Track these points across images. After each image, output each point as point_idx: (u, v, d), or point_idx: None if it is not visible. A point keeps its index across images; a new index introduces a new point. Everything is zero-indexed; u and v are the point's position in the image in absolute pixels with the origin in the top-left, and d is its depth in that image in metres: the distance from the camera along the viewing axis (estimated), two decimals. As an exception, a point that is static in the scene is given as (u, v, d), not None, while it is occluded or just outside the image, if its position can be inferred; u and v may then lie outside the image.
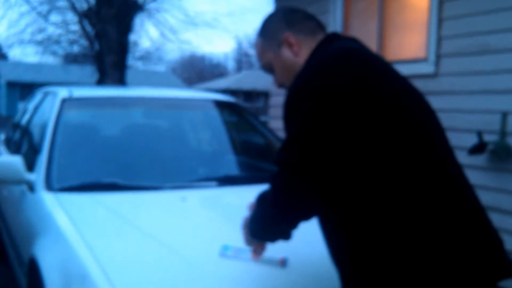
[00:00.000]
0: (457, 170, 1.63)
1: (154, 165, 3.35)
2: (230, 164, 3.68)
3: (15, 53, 47.82)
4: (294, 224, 1.65)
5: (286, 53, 1.79)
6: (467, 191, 1.61)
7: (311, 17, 1.85)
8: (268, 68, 1.87)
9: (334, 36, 1.77)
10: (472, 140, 4.30)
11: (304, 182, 1.50)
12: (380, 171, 1.49)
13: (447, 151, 1.64)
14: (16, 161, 3.07)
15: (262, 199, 1.67)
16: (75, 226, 2.36)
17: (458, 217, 1.52)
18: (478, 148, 4.25)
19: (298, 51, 1.77)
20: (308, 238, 2.15)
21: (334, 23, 6.22)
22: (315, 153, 1.48)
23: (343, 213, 1.56)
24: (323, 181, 1.50)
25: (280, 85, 1.87)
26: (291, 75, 1.72)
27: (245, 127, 4.14)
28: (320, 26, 1.84)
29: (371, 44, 5.87)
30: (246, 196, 2.26)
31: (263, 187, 1.69)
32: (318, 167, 1.48)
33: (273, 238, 1.76)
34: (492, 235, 1.60)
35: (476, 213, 1.59)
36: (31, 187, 3.00)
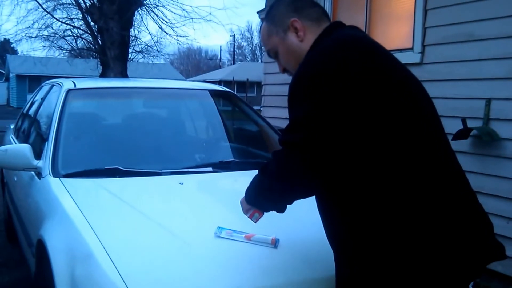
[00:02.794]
0: (452, 155, 1.62)
1: (154, 151, 3.34)
2: (225, 151, 3.67)
3: (23, 48, 47.54)
4: (290, 200, 1.63)
5: (292, 38, 1.74)
6: (461, 176, 1.60)
7: (317, 4, 1.81)
8: (273, 53, 1.83)
9: (339, 24, 1.73)
10: (456, 126, 4.23)
11: (306, 164, 1.45)
12: (383, 154, 1.46)
13: (443, 137, 1.62)
14: (25, 149, 3.06)
15: (264, 170, 1.61)
16: (80, 209, 2.35)
17: (453, 200, 1.50)
18: (462, 134, 4.20)
19: (303, 37, 1.73)
20: (299, 220, 2.15)
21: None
22: (320, 136, 1.43)
23: (343, 195, 1.53)
24: (325, 164, 1.46)
25: (283, 70, 1.83)
26: (295, 60, 1.69)
27: (239, 115, 4.12)
28: (325, 14, 1.79)
29: (359, 34, 5.83)
30: (240, 181, 2.26)
31: (256, 173, 1.67)
32: (322, 150, 1.44)
33: (267, 208, 1.72)
34: (483, 219, 1.58)
35: (469, 198, 1.58)
36: (39, 173, 2.98)
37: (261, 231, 2.05)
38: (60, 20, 13.44)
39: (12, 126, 5.67)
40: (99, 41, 12.47)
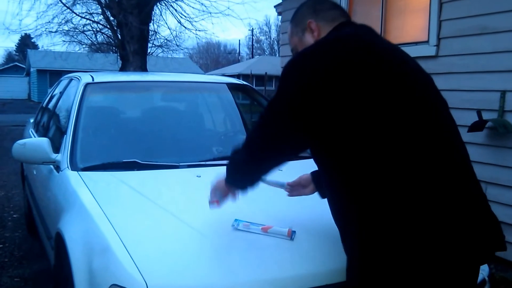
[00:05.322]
0: (460, 144, 1.62)
1: (172, 144, 3.35)
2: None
3: (43, 43, 48.06)
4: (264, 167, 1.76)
5: (308, 37, 1.85)
6: (466, 162, 1.60)
7: (337, 6, 1.90)
8: (295, 51, 1.92)
9: (347, 23, 1.82)
10: (471, 118, 4.25)
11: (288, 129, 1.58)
12: (383, 143, 1.48)
13: (451, 127, 1.63)
14: (43, 142, 3.08)
15: (236, 149, 1.84)
16: (97, 202, 2.36)
17: (456, 185, 1.50)
18: (477, 126, 4.20)
19: (318, 37, 1.83)
20: (315, 212, 2.14)
21: (340, 8, 6.14)
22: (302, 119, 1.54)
23: (346, 177, 1.56)
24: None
25: None
26: None
27: (257, 109, 4.11)
28: (344, 15, 1.87)
29: (375, 27, 5.78)
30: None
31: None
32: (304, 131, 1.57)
33: (243, 181, 1.88)
34: (487, 209, 1.58)
35: (473, 186, 1.57)
36: (57, 166, 3.00)
37: (278, 223, 2.04)
38: (80, 15, 13.52)
39: (31, 120, 5.73)
40: (119, 35, 12.53)
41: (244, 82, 4.51)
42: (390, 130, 1.49)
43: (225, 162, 3.03)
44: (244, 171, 1.85)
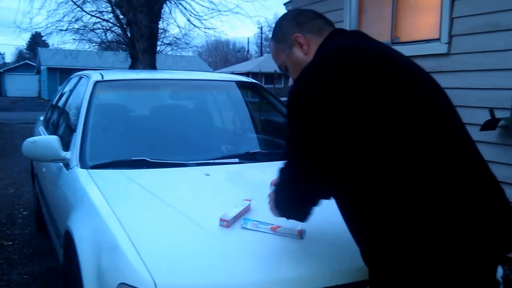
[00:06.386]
0: (470, 144, 1.57)
1: (180, 143, 3.34)
2: (252, 142, 3.65)
3: (54, 41, 48.30)
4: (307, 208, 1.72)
5: (297, 52, 1.80)
6: (480, 163, 1.55)
7: (319, 15, 1.86)
8: (283, 68, 1.89)
9: (338, 32, 1.77)
10: (484, 116, 4.19)
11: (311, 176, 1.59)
12: (388, 154, 1.44)
13: (458, 126, 1.58)
14: (53, 140, 3.08)
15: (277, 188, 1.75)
16: (106, 200, 2.36)
17: (470, 189, 1.45)
18: (489, 125, 4.15)
19: (308, 50, 1.78)
20: (326, 211, 2.12)
21: (349, 6, 6.10)
22: (320, 157, 1.53)
23: (357, 196, 1.51)
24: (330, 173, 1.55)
25: None
26: None
27: (266, 107, 4.09)
28: (328, 23, 1.83)
29: (385, 26, 5.76)
30: (266, 172, 2.24)
31: (282, 164, 1.69)
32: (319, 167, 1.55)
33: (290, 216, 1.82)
34: (506, 207, 1.53)
35: (489, 185, 1.52)
36: (67, 164, 3.00)
37: (287, 222, 2.02)
38: (90, 13, 13.59)
39: (41, 118, 5.75)
40: (128, 33, 12.57)
41: (253, 80, 4.49)
42: (394, 143, 1.45)
43: (233, 160, 3.05)
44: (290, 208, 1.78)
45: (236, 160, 3.07)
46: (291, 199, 1.71)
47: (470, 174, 1.49)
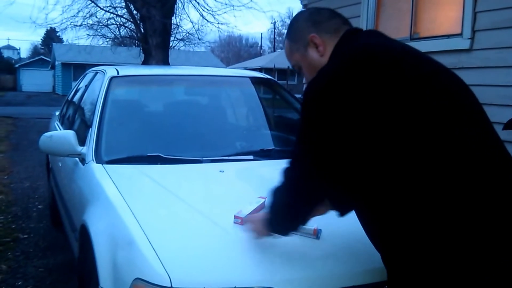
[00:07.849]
0: (496, 142, 1.53)
1: (195, 139, 3.34)
2: (266, 139, 3.64)
3: (68, 36, 48.52)
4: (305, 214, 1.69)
5: (313, 53, 1.75)
6: (508, 163, 1.50)
7: (336, 14, 1.80)
8: (297, 68, 1.85)
9: (353, 31, 1.72)
10: (507, 115, 4.05)
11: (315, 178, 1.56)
12: (403, 155, 1.41)
13: (486, 127, 1.54)
14: (69, 135, 3.11)
15: (275, 191, 1.70)
16: (122, 195, 2.37)
17: (494, 191, 1.41)
18: (513, 123, 4.03)
19: (324, 51, 1.73)
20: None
21: (367, 1, 6.04)
22: (328, 156, 1.51)
23: (372, 197, 1.49)
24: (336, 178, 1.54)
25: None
26: None
27: (280, 103, 4.08)
28: (345, 23, 1.78)
29: (404, 21, 5.65)
30: (280, 169, 2.23)
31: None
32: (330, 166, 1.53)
33: (285, 227, 1.77)
34: None
35: None
36: (83, 159, 3.02)
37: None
38: (104, 8, 13.64)
39: (57, 113, 5.79)
40: (141, 29, 12.59)
41: (268, 76, 4.48)
42: (409, 143, 1.41)
43: (248, 157, 3.05)
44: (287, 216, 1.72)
45: (251, 157, 3.07)
46: (292, 200, 1.65)
47: (495, 176, 1.44)
